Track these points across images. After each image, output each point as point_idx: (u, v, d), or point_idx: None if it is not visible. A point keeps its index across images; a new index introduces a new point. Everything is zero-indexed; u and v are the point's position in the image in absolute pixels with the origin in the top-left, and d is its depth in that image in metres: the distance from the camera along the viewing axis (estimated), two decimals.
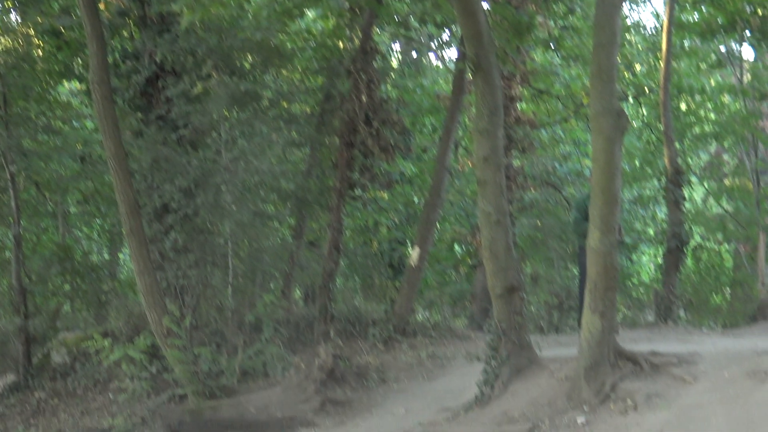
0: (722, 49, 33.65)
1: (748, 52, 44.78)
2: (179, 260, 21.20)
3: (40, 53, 25.52)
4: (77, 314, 25.19)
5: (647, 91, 34.09)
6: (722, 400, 15.24)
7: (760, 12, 27.58)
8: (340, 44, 25.58)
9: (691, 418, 14.82)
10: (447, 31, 28.68)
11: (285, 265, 24.29)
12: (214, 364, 20.14)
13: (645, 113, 36.19)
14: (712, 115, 34.88)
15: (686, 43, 33.71)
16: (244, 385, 20.07)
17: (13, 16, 25.88)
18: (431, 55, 39.73)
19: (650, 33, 37.91)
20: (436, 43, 35.74)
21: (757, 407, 14.68)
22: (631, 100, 34.68)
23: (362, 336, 22.56)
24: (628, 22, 37.76)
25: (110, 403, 20.88)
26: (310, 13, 28.29)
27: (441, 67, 38.29)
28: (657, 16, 41.63)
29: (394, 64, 34.49)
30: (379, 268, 28.50)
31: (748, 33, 28.99)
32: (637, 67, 35.36)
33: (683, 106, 34.94)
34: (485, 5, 17.68)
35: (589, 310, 16.15)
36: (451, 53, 42.01)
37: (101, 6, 21.78)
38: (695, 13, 31.11)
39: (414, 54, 38.48)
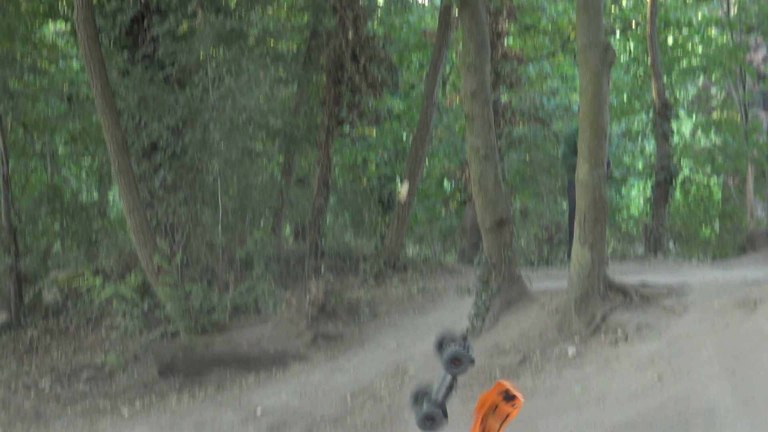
0: None
1: None
2: (169, 198, 21.19)
3: None
4: (68, 253, 25.18)
5: (634, 25, 33.99)
6: (712, 330, 15.35)
7: None
8: None
9: (681, 348, 14.93)
10: None
11: (275, 202, 24.30)
12: (206, 300, 20.20)
13: (632, 47, 36.10)
14: (700, 49, 34.76)
15: None
16: (235, 321, 20.15)
17: None
18: None
19: None
20: None
21: (746, 337, 14.79)
22: (618, 34, 34.58)
23: (353, 271, 22.63)
24: None
25: (102, 341, 20.95)
26: None
27: (427, 3, 38.10)
28: None
29: (380, 0, 34.29)
30: (369, 204, 28.53)
31: None
32: (624, 1, 35.20)
33: (670, 40, 34.80)
34: None
35: (578, 242, 16.22)
36: None
37: None
38: None
39: None
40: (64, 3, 25.85)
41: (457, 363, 8.38)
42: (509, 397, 9.70)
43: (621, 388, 14.01)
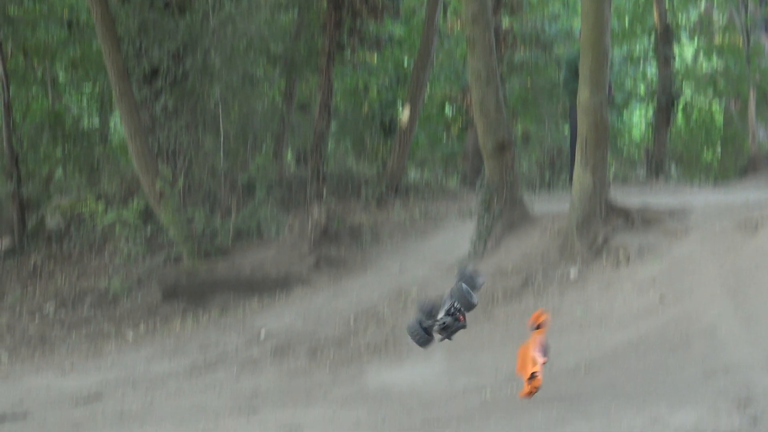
0: None
1: None
2: (170, 124, 21.15)
3: None
4: (70, 179, 25.14)
5: None
6: (713, 251, 15.42)
7: None
8: None
9: (682, 270, 15.00)
10: None
11: (276, 127, 24.26)
12: (208, 225, 20.24)
13: None
14: None
15: None
16: (238, 245, 20.21)
17: None
18: None
19: None
20: None
21: (747, 258, 14.85)
22: None
23: (355, 196, 22.62)
24: None
25: (106, 266, 21.02)
26: None
27: None
28: None
29: None
30: (370, 129, 28.43)
31: None
32: None
33: None
34: None
35: (580, 166, 16.23)
36: None
37: None
38: None
39: None
40: None
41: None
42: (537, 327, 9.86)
43: (622, 310, 14.10)
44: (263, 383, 13.54)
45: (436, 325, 9.98)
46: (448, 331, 9.98)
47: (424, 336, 10.04)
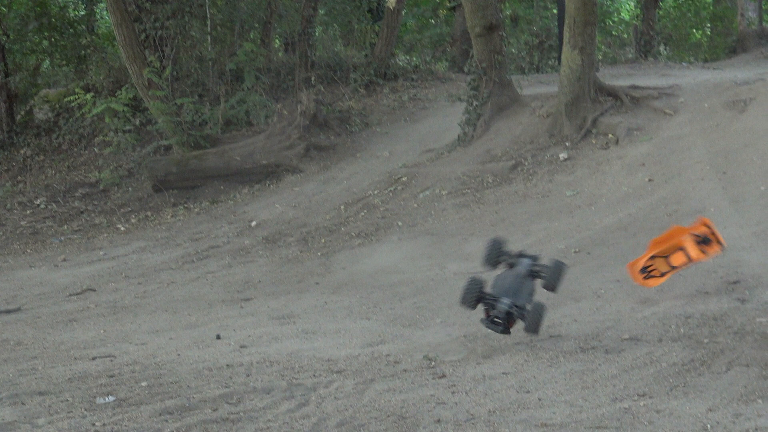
0: None
1: None
2: (156, 11, 20.91)
3: None
4: (58, 70, 24.98)
5: None
6: (702, 130, 15.43)
7: None
8: None
9: (671, 149, 15.02)
10: None
11: (263, 13, 24.00)
12: (197, 114, 20.14)
13: None
14: None
15: None
16: (228, 134, 20.15)
17: None
18: None
19: None
20: None
21: (736, 136, 14.88)
22: None
23: (343, 81, 22.51)
24: None
25: (96, 158, 21.00)
26: None
27: None
28: None
29: None
30: (358, 13, 28.13)
31: None
32: None
33: None
34: None
35: (568, 46, 16.15)
36: None
37: None
38: None
39: None
40: None
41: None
42: (705, 241, 9.69)
43: (612, 191, 14.15)
44: (255, 272, 13.58)
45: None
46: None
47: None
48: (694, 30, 33.35)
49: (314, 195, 16.96)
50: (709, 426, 6.29)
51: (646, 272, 9.62)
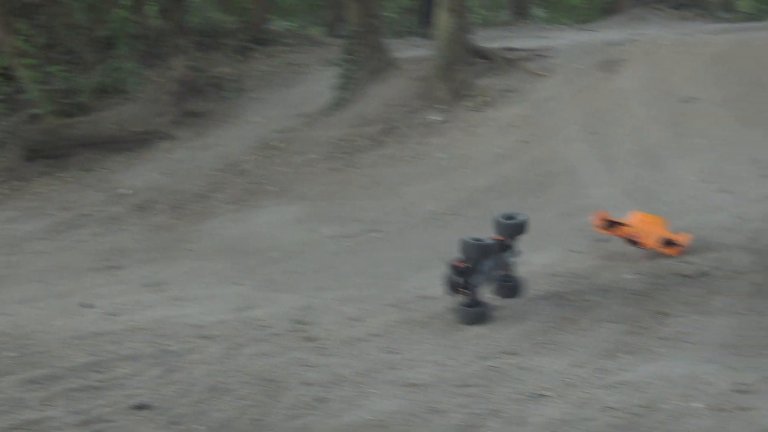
0: None
1: None
2: None
3: None
4: None
5: None
6: (575, 92, 15.58)
7: None
8: None
9: (544, 110, 15.14)
10: None
11: None
12: (70, 82, 19.76)
13: None
14: None
15: None
16: (101, 102, 19.78)
17: None
18: None
19: None
20: None
21: (607, 97, 15.06)
22: None
23: (218, 47, 22.24)
24: None
25: None
26: None
27: None
28: None
29: None
30: None
31: None
32: None
33: None
34: None
35: (442, 8, 16.15)
36: None
37: None
38: None
39: None
40: None
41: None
42: (669, 243, 9.60)
43: (485, 153, 14.20)
44: (126, 240, 13.38)
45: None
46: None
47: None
48: None
49: (187, 162, 16.74)
50: (572, 381, 6.33)
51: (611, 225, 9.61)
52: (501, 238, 8.37)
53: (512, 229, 8.43)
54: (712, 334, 7.41)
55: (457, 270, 7.99)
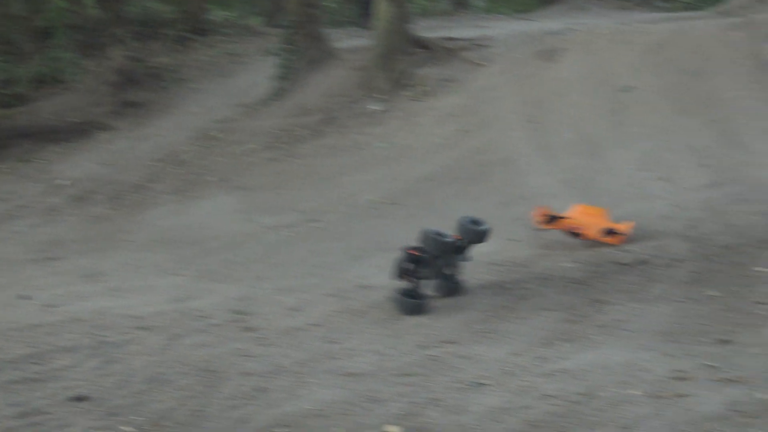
0: None
1: None
2: None
3: None
4: None
5: None
6: (514, 81, 15.63)
7: None
8: None
9: (483, 99, 15.18)
10: None
11: None
12: (6, 72, 19.57)
13: None
14: None
15: None
16: (38, 92, 19.59)
17: None
18: None
19: None
20: None
21: (545, 85, 15.13)
22: None
23: (156, 37, 22.09)
24: None
25: None
26: None
27: None
28: None
29: None
30: None
31: None
32: None
33: None
34: None
35: None
36: None
37: None
38: None
39: None
40: None
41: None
42: (611, 232, 9.65)
43: (424, 142, 14.22)
44: (64, 231, 13.27)
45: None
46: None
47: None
48: None
49: (125, 152, 16.62)
50: (511, 369, 6.37)
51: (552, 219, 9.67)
52: (461, 238, 8.38)
53: (475, 235, 8.44)
54: (650, 321, 7.49)
55: (411, 257, 8.00)
